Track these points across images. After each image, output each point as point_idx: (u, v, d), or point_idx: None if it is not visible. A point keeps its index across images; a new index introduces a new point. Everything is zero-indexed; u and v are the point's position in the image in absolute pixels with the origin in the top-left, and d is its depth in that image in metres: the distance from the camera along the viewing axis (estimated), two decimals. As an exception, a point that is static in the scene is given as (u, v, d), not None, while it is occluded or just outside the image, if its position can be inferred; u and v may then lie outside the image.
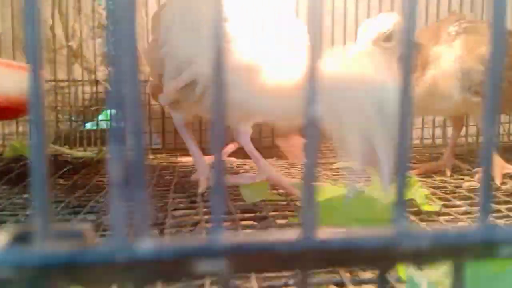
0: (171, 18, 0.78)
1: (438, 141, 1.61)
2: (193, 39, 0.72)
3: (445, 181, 0.92)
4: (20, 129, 1.48)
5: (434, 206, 0.72)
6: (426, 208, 0.71)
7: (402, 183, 0.21)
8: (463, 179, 0.94)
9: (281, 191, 0.80)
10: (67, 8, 1.53)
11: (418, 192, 0.74)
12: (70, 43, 1.54)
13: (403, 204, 0.22)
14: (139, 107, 0.21)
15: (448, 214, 0.71)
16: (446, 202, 0.76)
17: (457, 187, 0.87)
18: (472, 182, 0.88)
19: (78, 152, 1.47)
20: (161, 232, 0.63)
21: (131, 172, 0.21)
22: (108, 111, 1.58)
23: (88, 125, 1.60)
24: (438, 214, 0.71)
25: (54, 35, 1.51)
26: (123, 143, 0.20)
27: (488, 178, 0.21)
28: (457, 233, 0.21)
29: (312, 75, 0.20)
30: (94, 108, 1.56)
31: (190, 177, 0.94)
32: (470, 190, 0.83)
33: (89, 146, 1.53)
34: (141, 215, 0.20)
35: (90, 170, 1.16)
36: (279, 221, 0.69)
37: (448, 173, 0.98)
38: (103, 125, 1.61)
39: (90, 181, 1.01)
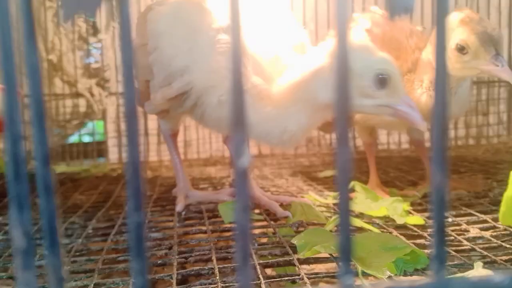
0: (162, 25, 0.74)
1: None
2: (187, 49, 0.69)
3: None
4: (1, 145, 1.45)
5: (418, 219, 0.70)
6: (409, 221, 0.69)
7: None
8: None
9: (260, 209, 0.77)
10: (46, 22, 1.51)
11: (397, 206, 0.72)
12: (50, 57, 1.51)
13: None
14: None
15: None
16: (432, 214, 0.74)
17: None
18: (461, 191, 0.86)
19: (61, 167, 1.44)
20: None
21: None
22: (91, 124, 1.56)
23: (71, 139, 1.57)
24: (424, 227, 0.68)
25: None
26: (25, 210, 0.18)
27: (440, 226, 0.19)
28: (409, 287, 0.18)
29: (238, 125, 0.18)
30: (76, 122, 1.53)
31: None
32: (455, 200, 0.81)
33: (72, 160, 1.50)
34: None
35: (69, 188, 1.13)
36: (261, 239, 0.66)
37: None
38: (86, 138, 1.58)
39: (68, 200, 0.98)
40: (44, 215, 0.19)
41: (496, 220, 0.67)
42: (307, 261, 0.53)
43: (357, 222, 0.64)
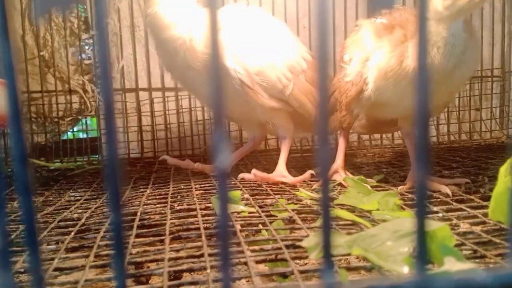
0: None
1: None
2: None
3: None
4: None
5: (408, 213, 0.70)
6: (398, 215, 0.69)
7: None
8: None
9: (253, 202, 0.78)
10: (37, 17, 1.50)
11: (389, 200, 0.72)
12: (42, 53, 1.50)
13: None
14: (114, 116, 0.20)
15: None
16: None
17: (434, 191, 0.85)
18: (453, 187, 0.86)
19: (55, 164, 1.44)
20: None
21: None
22: (84, 121, 1.55)
23: (64, 136, 1.56)
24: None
25: (25, 45, 1.47)
26: (1, 210, 0.18)
27: (421, 222, 0.19)
28: (390, 285, 0.18)
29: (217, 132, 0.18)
30: (69, 118, 1.52)
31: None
32: (447, 195, 0.82)
33: (66, 157, 1.49)
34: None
35: (62, 185, 1.13)
36: (254, 237, 0.66)
37: None
38: (79, 135, 1.57)
39: (62, 197, 0.98)
40: (24, 214, 0.19)
41: (486, 215, 0.67)
42: (299, 256, 0.53)
43: (349, 216, 0.64)
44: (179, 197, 0.88)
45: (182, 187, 0.99)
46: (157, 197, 0.90)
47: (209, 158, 1.42)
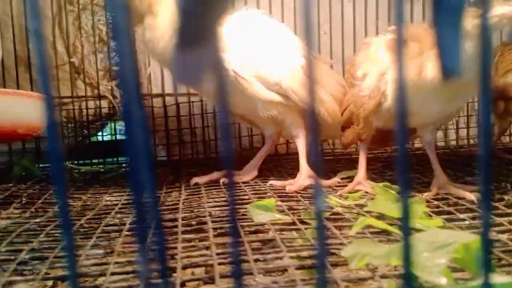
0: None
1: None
2: None
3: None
4: (27, 146, 1.50)
5: (436, 221, 0.73)
6: (427, 223, 0.72)
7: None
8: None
9: (286, 210, 0.82)
10: (67, 25, 1.55)
11: (418, 208, 0.76)
12: (72, 59, 1.56)
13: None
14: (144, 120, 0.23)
15: (451, 228, 0.72)
16: (449, 216, 0.77)
17: (459, 198, 0.89)
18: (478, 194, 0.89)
19: (85, 167, 1.50)
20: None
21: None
22: (112, 126, 1.61)
23: (94, 139, 1.62)
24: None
25: (56, 52, 1.53)
26: None
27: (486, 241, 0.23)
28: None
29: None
30: (98, 123, 1.58)
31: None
32: (472, 202, 0.85)
33: (95, 160, 1.55)
34: None
35: (97, 189, 1.18)
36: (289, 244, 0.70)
37: None
38: (108, 138, 1.63)
39: (100, 201, 1.03)
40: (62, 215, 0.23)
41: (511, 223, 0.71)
42: (336, 263, 0.57)
43: (380, 224, 0.68)
44: (213, 203, 0.93)
45: (214, 192, 1.03)
46: (193, 203, 0.95)
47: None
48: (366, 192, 0.95)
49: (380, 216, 0.75)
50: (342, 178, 1.15)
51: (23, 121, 0.93)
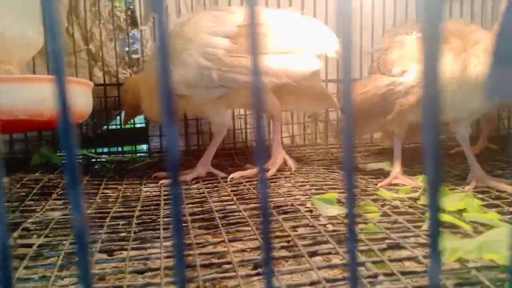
0: None
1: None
2: None
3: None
4: (43, 133, 1.48)
5: (492, 214, 0.75)
6: (484, 216, 0.75)
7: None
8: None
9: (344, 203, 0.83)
10: (85, 11, 1.52)
11: (472, 201, 0.78)
12: (89, 46, 1.53)
13: None
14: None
15: (508, 222, 0.74)
16: (498, 209, 0.79)
17: (498, 191, 0.92)
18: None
19: (103, 156, 1.49)
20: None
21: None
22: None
23: (111, 127, 1.60)
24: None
25: (73, 39, 1.50)
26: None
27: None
28: None
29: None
30: (117, 111, 1.56)
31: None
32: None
33: (112, 147, 1.54)
34: None
35: (131, 180, 1.17)
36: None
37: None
38: (127, 126, 1.62)
39: (139, 192, 1.03)
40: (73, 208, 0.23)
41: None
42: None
43: (448, 218, 0.69)
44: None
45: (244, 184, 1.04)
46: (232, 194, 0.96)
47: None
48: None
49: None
50: (373, 170, 1.17)
51: (75, 109, 0.92)
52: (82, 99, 0.95)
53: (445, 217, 0.70)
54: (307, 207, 0.81)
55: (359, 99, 1.09)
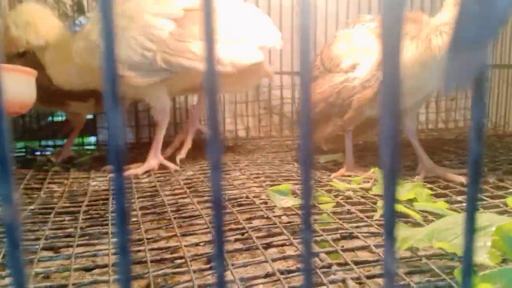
0: None
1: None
2: None
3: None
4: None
5: (441, 203, 0.77)
6: (433, 205, 0.76)
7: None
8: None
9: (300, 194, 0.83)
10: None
11: (422, 191, 0.80)
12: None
13: None
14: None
15: (456, 211, 0.76)
16: (447, 198, 0.82)
17: (448, 181, 0.94)
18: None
19: (57, 150, 1.42)
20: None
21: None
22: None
23: (57, 119, 1.53)
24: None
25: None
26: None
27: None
28: None
29: None
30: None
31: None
32: (461, 184, 0.91)
33: (58, 140, 1.48)
34: None
35: (77, 173, 1.12)
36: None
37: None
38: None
39: (86, 186, 0.99)
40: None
41: (506, 204, 0.76)
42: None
43: (398, 207, 0.70)
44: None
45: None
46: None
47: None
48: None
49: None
50: (327, 162, 1.18)
51: (16, 99, 0.86)
52: (24, 88, 0.89)
53: (400, 208, 0.71)
54: (261, 199, 0.80)
55: (316, 100, 1.07)
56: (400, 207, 0.71)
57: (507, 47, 1.66)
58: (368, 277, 0.50)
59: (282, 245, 0.62)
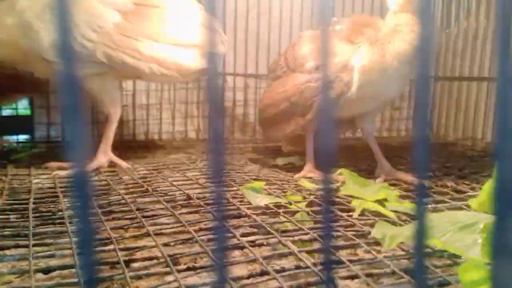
0: None
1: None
2: None
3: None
4: None
5: (407, 204, 0.77)
6: (402, 205, 0.76)
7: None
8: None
9: (276, 192, 0.80)
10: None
11: (391, 192, 0.79)
12: None
13: None
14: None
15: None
16: (411, 200, 0.82)
17: (407, 183, 0.95)
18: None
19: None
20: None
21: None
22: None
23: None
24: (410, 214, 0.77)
25: None
26: None
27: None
28: None
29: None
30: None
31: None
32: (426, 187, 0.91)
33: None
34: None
35: (17, 170, 1.02)
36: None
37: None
38: (8, 112, 1.42)
39: (28, 184, 0.89)
40: None
41: (468, 206, 0.77)
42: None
43: (376, 207, 0.69)
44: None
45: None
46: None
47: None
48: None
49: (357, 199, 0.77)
50: (284, 165, 1.16)
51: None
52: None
53: (373, 206, 0.70)
54: (235, 197, 0.76)
55: (279, 99, 1.05)
56: (375, 206, 0.70)
57: (449, 61, 1.74)
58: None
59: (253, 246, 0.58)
